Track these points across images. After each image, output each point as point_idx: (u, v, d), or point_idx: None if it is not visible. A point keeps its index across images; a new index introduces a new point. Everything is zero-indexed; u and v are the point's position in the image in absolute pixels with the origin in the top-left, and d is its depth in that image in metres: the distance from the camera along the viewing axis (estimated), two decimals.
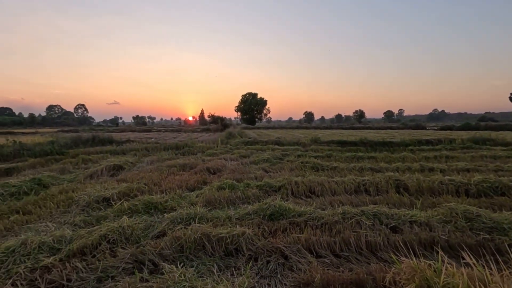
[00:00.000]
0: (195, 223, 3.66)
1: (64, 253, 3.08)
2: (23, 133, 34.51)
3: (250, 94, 74.60)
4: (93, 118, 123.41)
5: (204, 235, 3.31)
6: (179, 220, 4.00)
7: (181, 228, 3.64)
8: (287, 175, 7.10)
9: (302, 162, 9.02)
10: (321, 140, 16.65)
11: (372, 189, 5.65)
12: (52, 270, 2.78)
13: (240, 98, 75.30)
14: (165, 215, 4.29)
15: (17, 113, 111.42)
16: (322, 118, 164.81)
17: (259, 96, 74.99)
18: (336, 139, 16.73)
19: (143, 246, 3.25)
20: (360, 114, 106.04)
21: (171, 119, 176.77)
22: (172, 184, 6.38)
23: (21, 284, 2.59)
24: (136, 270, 2.83)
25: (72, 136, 16.19)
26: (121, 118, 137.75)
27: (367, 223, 3.73)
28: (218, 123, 40.76)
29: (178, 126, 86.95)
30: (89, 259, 3.03)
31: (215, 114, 45.51)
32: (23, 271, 2.72)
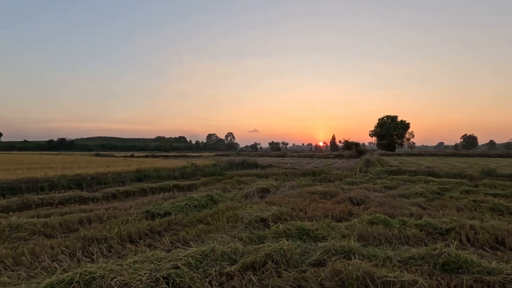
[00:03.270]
0: (355, 258, 3.51)
1: (239, 265, 3.61)
2: (193, 156, 44.46)
3: (388, 117, 67.92)
4: (238, 144, 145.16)
5: (367, 274, 3.11)
6: (333, 251, 3.95)
7: (337, 260, 3.58)
8: (455, 216, 5.83)
9: (474, 201, 7.21)
10: (497, 173, 12.86)
11: None
12: (234, 278, 3.31)
13: (376, 122, 69.66)
14: (318, 243, 4.36)
15: (188, 141, 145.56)
16: (491, 142, 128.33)
17: (399, 119, 67.05)
18: None
19: (304, 273, 3.39)
20: None
21: (302, 144, 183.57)
22: (317, 212, 6.46)
23: (214, 284, 3.21)
24: None
25: (227, 159, 19.48)
26: (259, 144, 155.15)
27: None
28: (352, 149, 38.94)
29: (310, 151, 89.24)
30: (259, 275, 3.43)
31: (348, 140, 43.85)
32: (214, 274, 3.38)
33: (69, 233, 5.09)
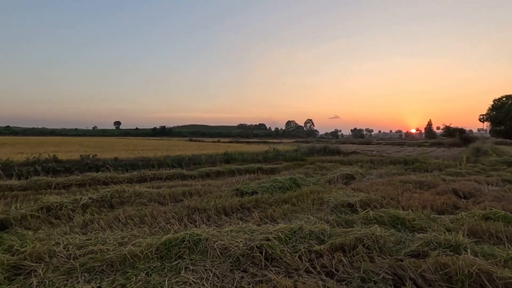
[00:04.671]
0: (466, 253, 3.07)
1: (328, 245, 3.61)
2: (272, 142, 45.62)
3: (508, 97, 54.73)
4: (317, 131, 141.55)
5: (484, 272, 2.69)
6: (435, 244, 3.54)
7: (442, 254, 3.21)
8: None
9: None
10: None
11: None
12: (323, 257, 3.34)
13: (490, 104, 57.04)
14: (416, 234, 3.98)
15: (267, 128, 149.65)
16: None
17: None
18: None
19: (401, 261, 3.16)
20: None
21: (390, 131, 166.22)
22: (413, 202, 5.85)
23: (304, 260, 3.31)
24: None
25: (308, 146, 19.29)
26: (340, 131, 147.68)
27: None
28: (454, 136, 33.20)
29: (399, 139, 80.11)
30: (349, 257, 3.36)
31: (450, 126, 37.36)
32: (303, 250, 3.47)
33: (176, 202, 5.99)
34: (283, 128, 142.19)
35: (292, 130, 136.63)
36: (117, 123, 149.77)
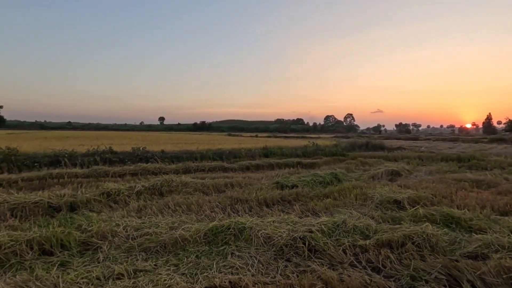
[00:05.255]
0: None
1: (373, 240, 3.50)
2: (310, 137, 44.80)
3: None
4: (358, 126, 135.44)
5: None
6: (497, 246, 3.24)
7: (504, 257, 2.93)
8: None
9: None
10: None
11: None
12: (369, 252, 3.26)
13: None
14: (474, 235, 3.67)
15: (305, 123, 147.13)
16: None
17: None
18: None
19: (456, 262, 2.96)
20: None
21: (441, 126, 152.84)
22: (469, 201, 5.39)
23: (348, 253, 3.26)
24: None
25: (349, 141, 18.62)
26: (383, 126, 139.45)
27: None
28: None
29: (451, 134, 73.30)
30: (397, 254, 3.23)
31: None
32: (347, 244, 3.42)
33: (219, 193, 6.24)
34: (322, 123, 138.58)
35: (331, 125, 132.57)
36: (161, 119, 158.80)
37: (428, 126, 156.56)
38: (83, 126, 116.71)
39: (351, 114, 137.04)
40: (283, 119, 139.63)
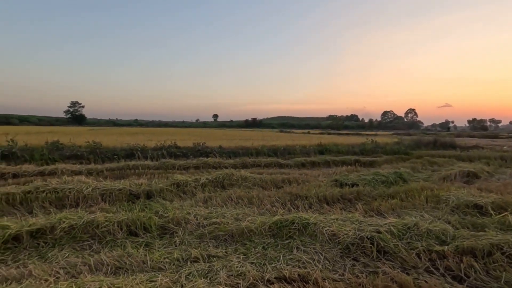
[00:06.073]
0: None
1: (452, 247, 3.20)
2: (367, 134, 42.29)
3: None
4: (421, 122, 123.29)
5: None
6: None
7: None
8: None
9: None
10: None
11: None
12: (448, 258, 2.99)
13: None
14: None
15: (360, 119, 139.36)
16: None
17: None
18: None
19: None
20: None
21: None
22: None
23: (423, 258, 3.04)
24: None
25: (413, 138, 17.12)
26: (452, 122, 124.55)
27: None
28: None
29: None
30: (483, 263, 2.91)
31: None
32: (421, 248, 3.18)
33: (277, 188, 6.33)
34: (378, 119, 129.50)
35: (390, 121, 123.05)
36: (215, 116, 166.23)
37: (511, 122, 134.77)
38: (147, 123, 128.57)
39: (413, 109, 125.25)
40: (335, 115, 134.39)
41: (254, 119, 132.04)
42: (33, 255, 3.17)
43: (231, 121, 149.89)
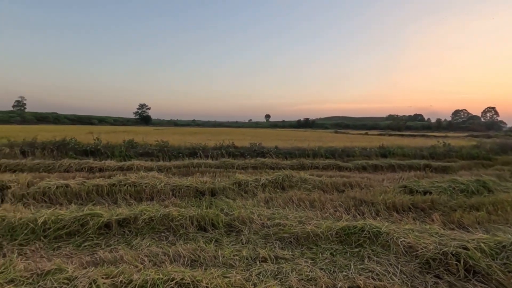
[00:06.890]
0: None
1: None
2: (435, 136, 38.10)
3: None
4: (504, 123, 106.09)
5: None
6: None
7: None
8: None
9: None
10: None
11: None
12: None
13: None
14: None
15: (426, 119, 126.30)
16: None
17: None
18: None
19: None
20: None
21: None
22: None
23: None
24: None
25: (496, 141, 14.86)
26: None
27: None
28: None
29: None
30: None
31: None
32: None
33: (338, 192, 6.09)
34: (448, 119, 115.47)
35: (462, 122, 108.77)
36: (267, 116, 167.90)
37: None
38: (204, 123, 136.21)
39: (493, 108, 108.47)
40: (396, 115, 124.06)
41: (307, 119, 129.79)
42: (121, 241, 3.59)
43: (283, 121, 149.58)
